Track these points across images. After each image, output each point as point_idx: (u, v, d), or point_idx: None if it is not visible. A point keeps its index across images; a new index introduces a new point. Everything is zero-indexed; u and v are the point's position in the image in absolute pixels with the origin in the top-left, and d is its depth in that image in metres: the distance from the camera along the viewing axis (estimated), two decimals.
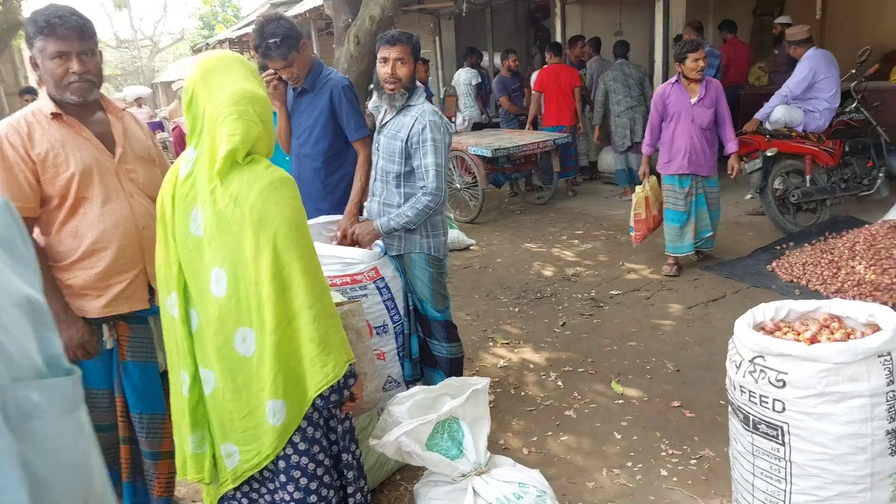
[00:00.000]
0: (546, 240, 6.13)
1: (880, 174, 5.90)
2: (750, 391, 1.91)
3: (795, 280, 4.63)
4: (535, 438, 3.06)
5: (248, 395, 1.82)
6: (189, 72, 1.76)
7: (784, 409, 1.82)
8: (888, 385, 1.74)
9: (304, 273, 1.71)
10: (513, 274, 5.27)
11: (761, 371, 1.87)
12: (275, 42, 3.03)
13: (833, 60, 5.74)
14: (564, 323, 4.30)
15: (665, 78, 8.45)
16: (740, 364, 1.94)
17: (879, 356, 1.73)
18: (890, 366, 1.74)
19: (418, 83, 2.89)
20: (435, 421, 2.12)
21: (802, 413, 1.79)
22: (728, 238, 5.62)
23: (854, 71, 6.07)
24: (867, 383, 1.73)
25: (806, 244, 5.20)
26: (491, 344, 4.06)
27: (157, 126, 11.09)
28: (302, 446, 1.88)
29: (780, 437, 1.86)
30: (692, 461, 2.82)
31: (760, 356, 1.88)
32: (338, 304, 2.09)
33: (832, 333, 2.02)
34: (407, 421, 2.11)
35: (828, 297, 4.39)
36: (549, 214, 7.00)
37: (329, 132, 3.23)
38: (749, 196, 6.71)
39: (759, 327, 2.12)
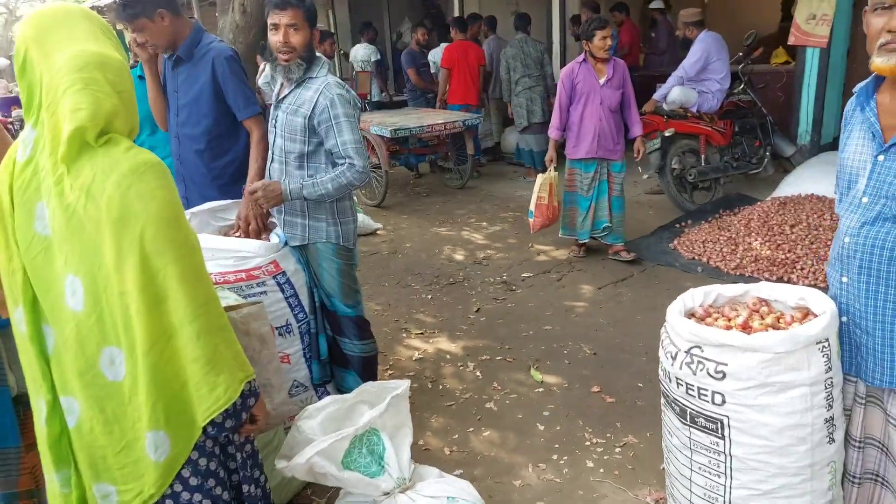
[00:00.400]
0: (454, 223, 5.97)
1: (767, 153, 6.21)
2: (687, 384, 1.81)
3: (697, 257, 4.74)
4: (457, 436, 2.89)
5: (122, 426, 1.50)
6: (20, 29, 1.38)
7: (724, 401, 1.74)
8: (826, 372, 1.69)
9: (182, 280, 1.40)
10: (423, 259, 5.07)
11: (699, 362, 1.77)
12: (122, 2, 2.62)
13: (723, 43, 5.92)
14: (479, 309, 4.15)
15: (563, 59, 8.51)
16: (676, 355, 1.83)
17: (818, 343, 1.67)
18: (828, 352, 1.69)
19: (320, 55, 2.58)
20: (352, 435, 1.88)
21: (743, 405, 1.71)
22: (630, 217, 5.66)
23: (741, 54, 6.32)
24: (807, 372, 1.66)
25: (703, 221, 5.37)
26: (404, 335, 3.84)
27: (14, 102, 9.88)
28: (194, 481, 1.59)
29: (719, 431, 1.77)
30: (617, 449, 2.75)
31: (697, 347, 1.78)
32: (235, 308, 1.79)
33: (762, 318, 1.96)
34: (319, 438, 1.85)
35: (728, 274, 4.55)
36: (455, 197, 6.85)
37: (213, 110, 2.85)
38: (647, 175, 6.87)
39: (690, 314, 2.03)
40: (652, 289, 4.26)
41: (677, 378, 1.84)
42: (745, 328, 1.92)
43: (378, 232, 5.69)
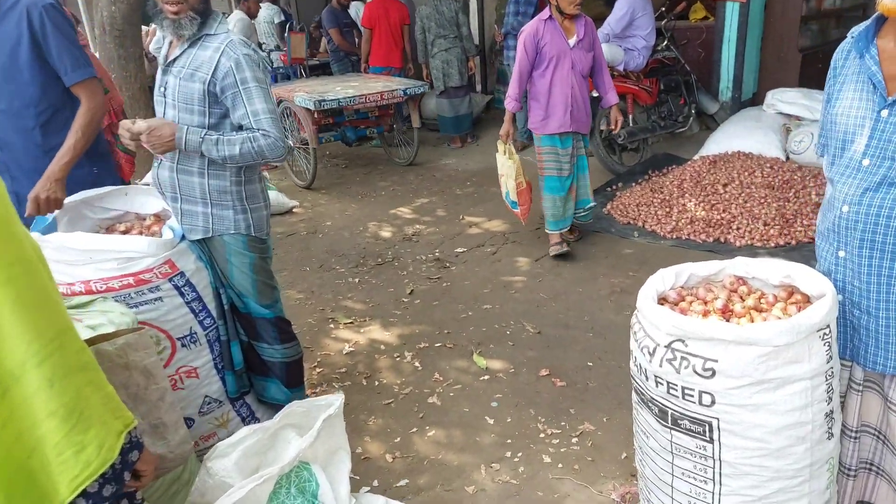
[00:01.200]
0: (378, 196, 5.57)
1: (692, 111, 6.15)
2: (669, 382, 1.57)
3: (632, 222, 4.60)
4: (399, 439, 2.59)
5: None
6: None
7: (713, 402, 1.51)
8: (828, 362, 1.48)
9: (18, 307, 1.00)
10: (347, 238, 4.67)
11: (683, 359, 1.53)
12: None
13: None
14: (412, 290, 3.83)
15: (481, 17, 8.15)
16: (654, 350, 1.59)
17: (819, 331, 1.46)
18: (829, 340, 1.48)
19: (217, 11, 2.13)
20: (277, 475, 1.53)
21: (735, 406, 1.49)
22: None
23: (663, 9, 6.19)
24: (808, 364, 1.45)
25: (633, 184, 5.24)
26: (332, 326, 3.47)
27: None
28: None
29: (706, 434, 1.55)
30: (574, 439, 2.53)
31: (680, 340, 1.54)
32: (108, 338, 1.38)
33: (742, 300, 1.75)
34: (236, 483, 1.49)
35: (665, 237, 4.43)
36: (377, 167, 6.42)
37: (37, 75, 2.28)
38: None
39: (662, 299, 1.79)
40: (590, 258, 4.07)
41: (656, 377, 1.60)
42: (725, 313, 1.70)
43: (294, 210, 5.22)
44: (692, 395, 1.54)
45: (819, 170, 4.91)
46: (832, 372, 1.51)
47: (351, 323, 3.48)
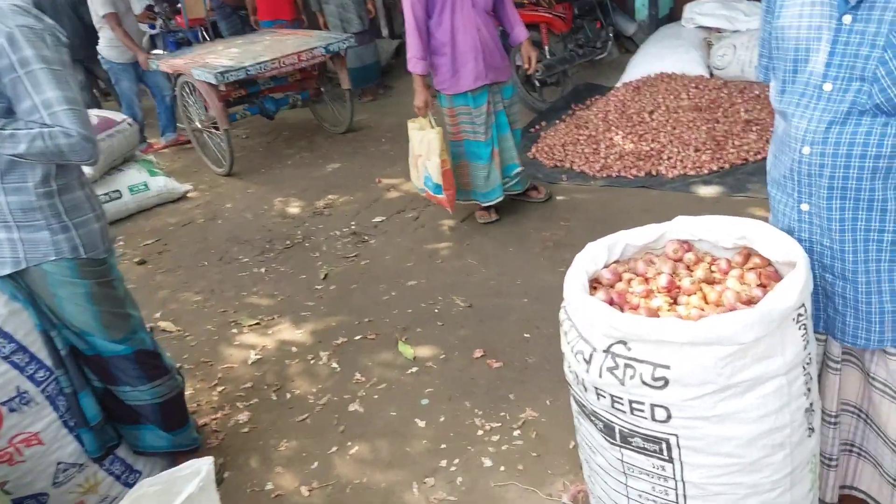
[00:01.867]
0: (282, 165, 5.02)
1: (610, 35, 5.79)
2: (613, 396, 1.23)
3: (559, 164, 4.26)
4: (316, 465, 2.22)
5: None
6: None
7: (669, 416, 1.18)
8: (805, 348, 1.17)
9: None
10: (250, 221, 4.16)
11: (627, 366, 1.19)
12: None
13: None
14: (327, 275, 3.40)
15: None
16: (591, 357, 1.24)
17: (795, 312, 1.14)
18: (805, 321, 1.17)
19: None
20: None
21: (696, 419, 1.17)
22: None
23: None
24: (782, 357, 1.13)
25: (557, 121, 4.88)
26: (235, 330, 3.03)
27: None
28: None
29: (665, 453, 1.23)
30: (516, 432, 2.22)
31: (621, 343, 1.20)
32: None
33: (690, 271, 1.42)
34: None
35: (595, 177, 4.12)
36: (281, 133, 5.83)
37: None
38: None
39: (595, 282, 1.44)
40: (518, 210, 3.71)
41: (597, 388, 1.26)
42: (672, 290, 1.36)
43: (189, 195, 4.64)
44: (642, 410, 1.21)
45: (746, 84, 4.66)
46: (810, 358, 1.20)
47: (257, 324, 3.04)
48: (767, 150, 3.79)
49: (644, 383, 1.17)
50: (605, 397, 1.26)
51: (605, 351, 1.23)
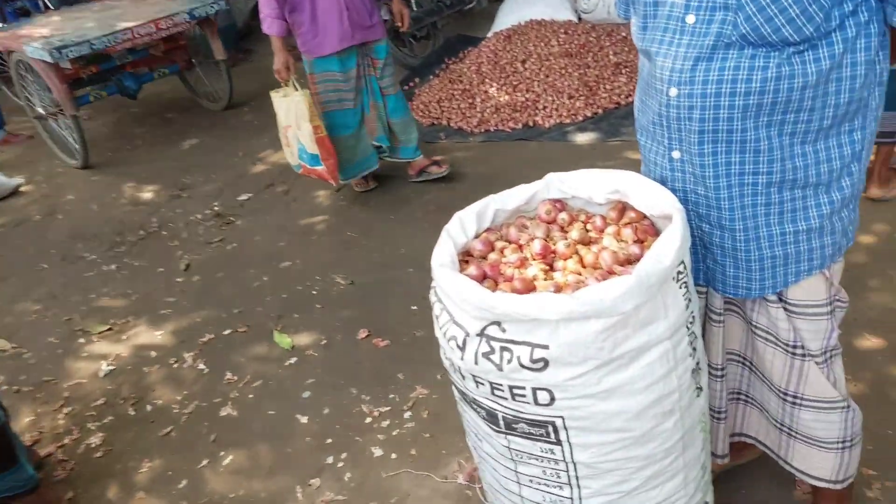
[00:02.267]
0: (131, 147, 4.49)
1: None
2: (492, 383, 1.09)
3: (436, 122, 4.08)
4: (185, 483, 1.97)
5: None
6: None
7: (552, 399, 1.06)
8: (687, 307, 1.08)
9: None
10: (96, 212, 3.68)
11: (504, 349, 1.05)
12: None
13: None
14: (188, 265, 3.07)
15: None
16: (464, 342, 1.09)
17: (675, 271, 1.03)
18: (685, 279, 1.07)
19: None
20: None
21: (581, 397, 1.05)
22: None
23: None
24: (665, 321, 1.03)
25: (431, 76, 4.69)
26: (82, 340, 2.65)
27: None
28: None
29: (552, 436, 1.12)
30: (406, 413, 2.08)
31: (496, 324, 1.05)
32: None
33: (566, 233, 1.29)
34: None
35: (474, 133, 3.98)
36: (129, 109, 5.22)
37: None
38: None
39: (466, 254, 1.29)
40: (398, 175, 3.52)
41: (474, 376, 1.12)
42: (547, 256, 1.24)
43: (21, 190, 4.04)
44: (524, 396, 1.08)
45: (613, 26, 4.66)
46: (693, 316, 1.11)
47: (108, 330, 2.68)
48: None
49: (523, 366, 1.04)
50: (483, 385, 1.12)
51: (478, 335, 1.08)
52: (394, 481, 1.87)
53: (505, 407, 1.12)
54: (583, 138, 3.60)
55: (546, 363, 1.02)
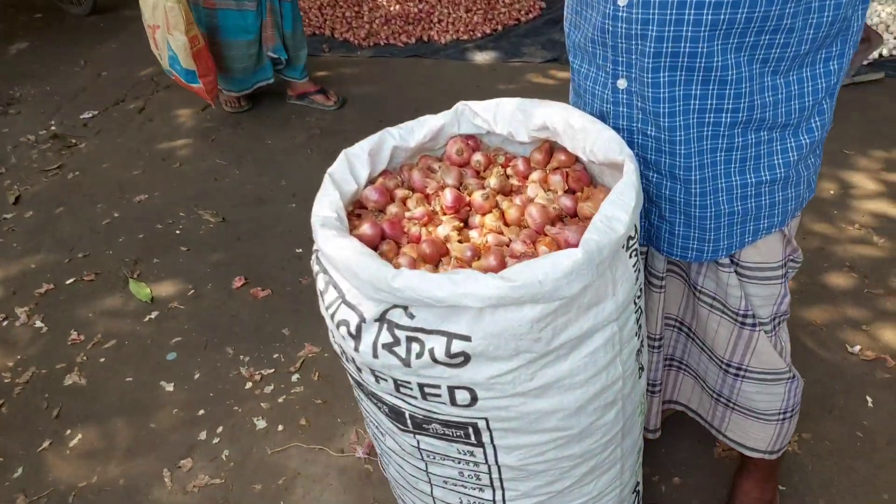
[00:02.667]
0: None
1: None
2: (398, 380, 0.85)
3: (318, 31, 3.62)
4: (21, 471, 1.62)
5: None
6: None
7: (474, 399, 0.84)
8: (636, 280, 0.88)
9: None
10: None
11: (412, 341, 0.80)
12: None
13: None
14: (18, 198, 2.54)
15: None
16: (359, 330, 0.84)
17: (626, 239, 0.82)
18: (635, 245, 0.86)
19: None
20: None
21: (510, 396, 0.84)
22: None
23: None
24: (613, 299, 0.83)
25: None
26: None
27: None
28: None
29: (472, 438, 0.91)
30: (293, 378, 1.82)
31: (400, 308, 0.80)
32: None
33: (480, 178, 1.05)
34: None
35: (362, 46, 3.56)
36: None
37: None
38: None
39: (358, 206, 1.01)
40: (274, 92, 3.07)
41: (373, 370, 0.87)
42: (459, 210, 0.99)
43: None
44: (438, 395, 0.85)
45: None
46: (640, 289, 0.92)
47: None
48: (538, 6, 3.44)
49: (437, 362, 0.80)
50: (386, 381, 0.88)
51: (377, 320, 0.83)
52: (281, 458, 1.63)
53: (414, 406, 0.89)
54: (482, 57, 3.31)
55: (467, 358, 0.80)
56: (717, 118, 0.87)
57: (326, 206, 0.93)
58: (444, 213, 1.00)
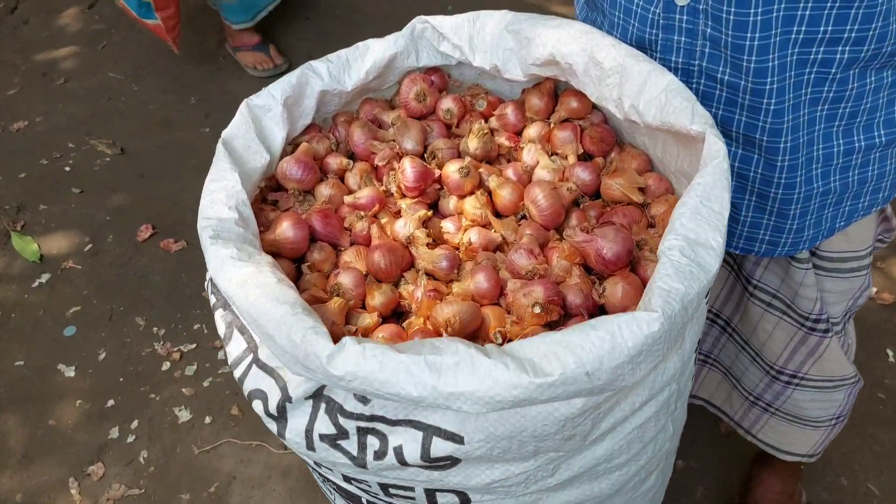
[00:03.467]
0: None
1: None
2: (349, 477, 0.56)
3: None
4: None
5: None
6: None
7: (466, 501, 0.56)
8: (705, 315, 0.58)
9: None
10: None
11: (366, 434, 0.50)
12: None
13: None
14: None
15: None
16: (282, 411, 0.53)
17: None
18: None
19: None
20: None
21: (521, 496, 0.56)
22: None
23: None
24: (679, 355, 0.53)
25: None
26: None
27: None
28: None
29: None
30: (221, 353, 1.51)
31: (360, 401, 0.49)
32: None
33: (453, 135, 0.72)
34: None
35: None
36: None
37: None
38: None
39: (271, 186, 0.67)
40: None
41: (315, 462, 0.57)
42: (423, 189, 0.68)
43: None
44: (412, 498, 0.57)
45: None
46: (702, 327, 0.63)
47: None
48: None
49: (406, 465, 0.51)
50: (331, 470, 0.58)
51: (310, 398, 0.52)
52: (211, 458, 1.35)
53: (376, 499, 0.61)
54: None
55: (454, 462, 0.50)
56: (831, 54, 0.55)
57: (220, 200, 0.58)
58: (403, 197, 0.67)
